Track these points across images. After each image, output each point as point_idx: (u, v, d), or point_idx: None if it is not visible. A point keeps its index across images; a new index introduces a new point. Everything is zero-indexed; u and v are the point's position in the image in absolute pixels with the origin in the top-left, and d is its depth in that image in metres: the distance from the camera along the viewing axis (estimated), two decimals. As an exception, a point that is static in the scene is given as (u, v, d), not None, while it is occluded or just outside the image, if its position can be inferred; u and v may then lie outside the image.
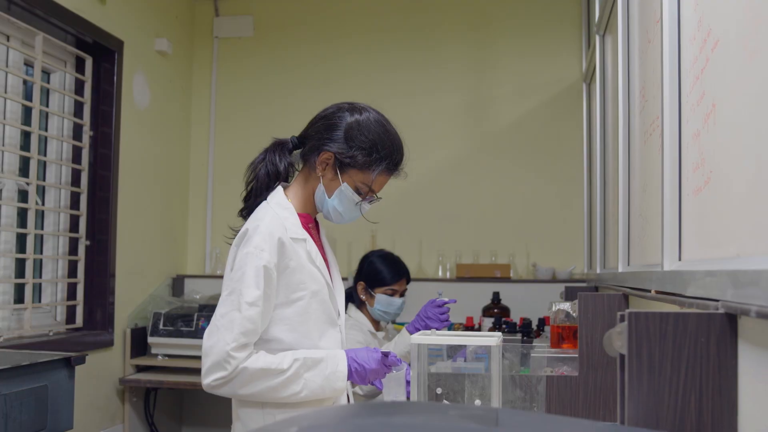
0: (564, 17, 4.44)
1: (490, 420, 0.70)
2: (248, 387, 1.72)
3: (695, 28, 1.28)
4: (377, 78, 4.55)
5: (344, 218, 1.89)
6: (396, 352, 2.64)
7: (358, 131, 1.83)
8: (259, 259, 1.72)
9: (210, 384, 1.73)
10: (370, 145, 1.83)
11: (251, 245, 1.74)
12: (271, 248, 1.74)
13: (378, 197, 1.91)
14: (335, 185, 1.85)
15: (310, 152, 1.88)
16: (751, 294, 0.85)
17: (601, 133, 3.15)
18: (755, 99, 0.93)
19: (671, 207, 1.41)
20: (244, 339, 1.71)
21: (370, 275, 2.98)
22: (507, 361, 2.43)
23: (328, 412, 0.85)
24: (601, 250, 3.16)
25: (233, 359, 1.69)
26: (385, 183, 1.91)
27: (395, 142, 1.88)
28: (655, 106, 1.66)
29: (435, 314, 2.69)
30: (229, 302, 1.73)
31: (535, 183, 4.37)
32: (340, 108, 1.88)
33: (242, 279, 1.72)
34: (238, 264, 1.74)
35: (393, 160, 1.87)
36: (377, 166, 1.84)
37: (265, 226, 1.76)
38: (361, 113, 1.86)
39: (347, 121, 1.84)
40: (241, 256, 1.75)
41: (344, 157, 1.83)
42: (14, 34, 3.19)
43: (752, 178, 0.95)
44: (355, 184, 1.85)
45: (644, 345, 1.01)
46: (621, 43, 2.31)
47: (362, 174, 1.85)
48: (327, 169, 1.85)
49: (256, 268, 1.72)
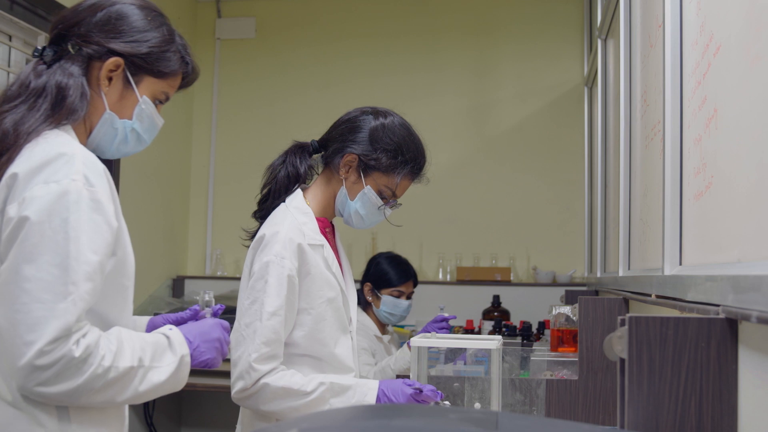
0: (566, 21, 4.45)
1: (489, 423, 0.70)
2: (270, 404, 1.70)
3: (697, 32, 1.28)
4: (379, 81, 4.55)
5: (365, 222, 1.88)
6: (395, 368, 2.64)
7: (383, 133, 1.83)
8: (281, 267, 1.70)
9: (234, 396, 1.71)
10: (395, 147, 1.83)
11: (272, 253, 1.71)
12: (292, 255, 1.72)
13: (399, 203, 1.91)
14: (358, 188, 1.84)
15: (333, 155, 1.86)
16: (752, 299, 0.85)
17: (602, 137, 3.15)
18: (757, 104, 0.94)
19: (672, 211, 1.41)
20: (266, 349, 1.68)
21: (377, 276, 2.98)
22: (507, 364, 2.43)
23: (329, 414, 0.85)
24: (601, 254, 3.16)
25: (254, 371, 1.67)
26: (408, 187, 1.90)
27: (419, 146, 1.88)
28: (657, 111, 1.66)
29: (434, 329, 2.71)
30: (252, 312, 1.70)
31: (535, 186, 4.37)
32: (363, 111, 1.88)
33: (265, 288, 1.70)
34: (260, 272, 1.72)
35: (417, 164, 1.87)
36: (402, 170, 1.84)
37: (285, 233, 1.73)
38: (385, 117, 1.86)
39: (372, 124, 1.84)
40: (261, 264, 1.72)
41: (369, 159, 1.82)
42: (16, 34, 3.19)
43: (754, 183, 0.95)
44: (378, 188, 1.84)
45: (644, 349, 1.01)
46: (623, 48, 2.31)
47: (386, 177, 1.84)
48: (350, 172, 1.84)
49: (278, 277, 1.70)
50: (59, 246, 1.19)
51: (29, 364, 1.15)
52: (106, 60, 1.37)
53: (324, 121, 1.99)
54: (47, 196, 1.20)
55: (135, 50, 1.39)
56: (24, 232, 1.19)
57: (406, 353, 2.62)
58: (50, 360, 1.16)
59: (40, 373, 1.16)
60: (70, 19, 1.40)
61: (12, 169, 1.25)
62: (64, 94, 1.33)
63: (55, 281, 1.18)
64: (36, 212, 1.19)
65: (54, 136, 1.30)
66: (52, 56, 1.37)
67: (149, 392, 1.29)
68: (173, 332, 1.36)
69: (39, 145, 1.28)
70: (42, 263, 1.18)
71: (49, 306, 1.16)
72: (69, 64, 1.36)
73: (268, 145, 1.97)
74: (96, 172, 1.27)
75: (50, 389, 1.18)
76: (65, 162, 1.24)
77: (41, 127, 1.30)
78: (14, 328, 1.16)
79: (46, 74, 1.35)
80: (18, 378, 1.18)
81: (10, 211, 1.22)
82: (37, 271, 1.18)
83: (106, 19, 1.39)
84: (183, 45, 1.49)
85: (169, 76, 1.46)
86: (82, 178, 1.23)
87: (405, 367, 2.63)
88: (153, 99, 1.45)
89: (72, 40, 1.38)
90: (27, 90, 1.34)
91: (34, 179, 1.22)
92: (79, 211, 1.21)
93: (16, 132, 1.28)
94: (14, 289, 1.18)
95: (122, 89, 1.41)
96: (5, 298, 1.18)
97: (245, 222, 1.98)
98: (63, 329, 1.17)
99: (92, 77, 1.38)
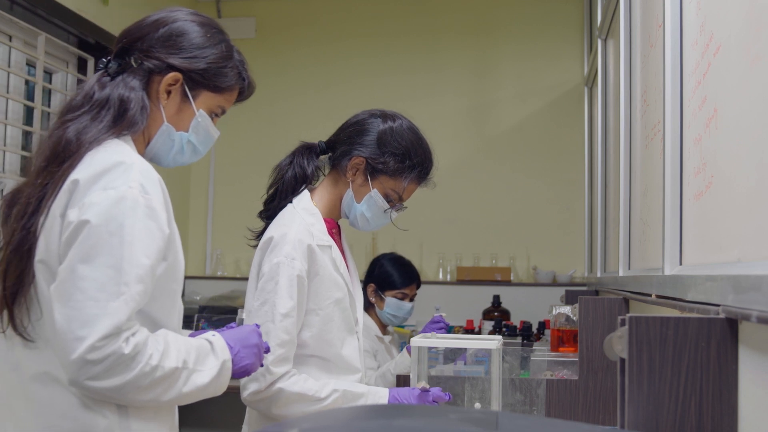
0: (566, 21, 4.45)
1: (490, 423, 0.70)
2: (283, 409, 1.70)
3: (697, 32, 1.28)
4: (379, 81, 4.55)
5: (371, 225, 1.88)
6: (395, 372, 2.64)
7: (391, 137, 1.83)
8: (291, 268, 1.70)
9: (246, 398, 1.71)
10: (403, 151, 1.83)
11: (282, 254, 1.71)
12: (301, 256, 1.72)
13: (404, 206, 1.91)
14: (365, 191, 1.84)
15: (340, 157, 1.86)
16: (752, 299, 0.85)
17: (602, 137, 3.16)
18: (757, 104, 0.94)
19: (672, 211, 1.42)
20: (281, 351, 1.68)
21: (381, 278, 2.97)
22: (507, 364, 2.44)
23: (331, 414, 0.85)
24: (601, 254, 3.16)
25: (270, 374, 1.67)
26: (414, 191, 1.90)
27: (427, 150, 1.89)
28: (657, 111, 1.66)
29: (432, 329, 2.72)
30: (263, 313, 1.70)
31: (536, 186, 4.37)
32: (372, 114, 1.88)
33: (275, 290, 1.69)
34: (270, 274, 1.71)
35: (424, 168, 1.87)
36: (409, 174, 1.84)
37: (294, 234, 1.73)
38: (394, 120, 1.86)
39: (380, 127, 1.84)
40: (271, 265, 1.72)
41: (376, 162, 1.82)
42: (16, 35, 3.19)
43: (754, 183, 0.95)
44: (384, 191, 1.85)
45: (645, 349, 1.01)
46: (623, 48, 2.31)
47: (393, 181, 1.84)
48: (357, 175, 1.84)
49: (289, 278, 1.70)
50: (114, 249, 1.24)
51: (81, 358, 1.20)
52: (165, 74, 1.44)
53: (324, 121, 1.99)
54: (105, 202, 1.26)
55: (193, 66, 1.45)
56: (82, 234, 1.25)
57: (405, 357, 2.62)
58: (101, 355, 1.20)
59: (91, 368, 1.21)
60: (134, 33, 1.47)
61: (73, 176, 1.30)
62: (126, 107, 1.39)
63: (109, 281, 1.23)
64: (94, 216, 1.25)
65: (114, 146, 1.36)
66: (115, 69, 1.44)
67: (192, 394, 1.34)
68: (216, 338, 1.41)
69: (99, 153, 1.33)
70: (97, 264, 1.23)
71: (102, 304, 1.21)
72: (131, 78, 1.42)
73: (268, 145, 1.98)
74: (151, 181, 1.32)
75: (99, 384, 1.22)
76: (123, 170, 1.29)
77: (102, 136, 1.36)
78: (68, 323, 1.21)
79: (109, 86, 1.41)
80: (70, 372, 1.22)
81: (70, 215, 1.27)
82: (92, 271, 1.23)
83: (168, 35, 1.45)
84: (240, 61, 1.55)
85: (226, 91, 1.52)
86: (138, 186, 1.29)
87: (406, 372, 2.63)
88: (209, 112, 1.52)
89: (134, 55, 1.44)
90: (91, 101, 1.40)
91: (93, 186, 1.28)
92: (135, 217, 1.27)
93: (78, 141, 1.34)
94: (70, 287, 1.23)
95: (180, 103, 1.47)
96: (61, 296, 1.23)
97: (245, 222, 1.98)
98: (114, 327, 1.21)
99: (152, 90, 1.44)
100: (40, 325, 1.30)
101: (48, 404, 1.29)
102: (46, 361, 1.30)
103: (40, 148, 1.38)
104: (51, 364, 1.29)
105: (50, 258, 1.29)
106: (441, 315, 2.80)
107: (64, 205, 1.29)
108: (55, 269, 1.27)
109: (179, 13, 1.49)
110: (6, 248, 1.31)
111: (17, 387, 1.32)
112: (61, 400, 1.29)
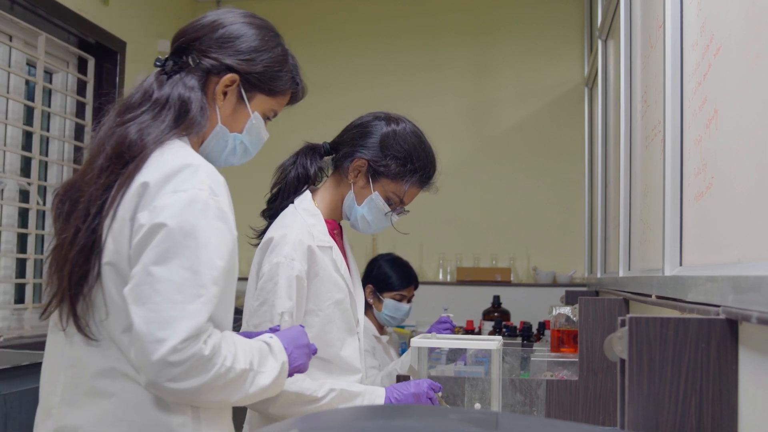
0: (566, 21, 4.45)
1: (490, 424, 0.70)
2: (281, 409, 1.70)
3: (698, 33, 1.28)
4: (379, 81, 4.55)
5: (371, 227, 1.89)
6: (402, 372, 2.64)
7: (394, 140, 1.83)
8: (290, 269, 1.70)
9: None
10: (405, 155, 1.83)
11: (282, 254, 1.72)
12: (301, 257, 1.72)
13: (406, 210, 1.91)
14: (366, 193, 1.85)
15: (343, 158, 1.87)
16: (752, 300, 0.85)
17: (602, 138, 3.16)
18: (757, 105, 0.94)
19: (672, 212, 1.42)
20: None
21: (379, 279, 2.97)
22: (507, 364, 2.44)
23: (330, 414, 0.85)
24: (601, 255, 3.16)
25: None
26: (415, 195, 1.90)
27: (429, 154, 1.89)
28: (657, 111, 1.66)
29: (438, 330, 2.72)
30: (261, 313, 1.70)
31: (536, 187, 4.37)
32: (376, 117, 1.88)
33: (275, 290, 1.70)
34: (269, 274, 1.72)
35: (426, 172, 1.87)
36: (410, 177, 1.84)
37: (295, 235, 1.74)
38: (397, 123, 1.86)
39: (383, 130, 1.85)
40: (271, 265, 1.72)
41: (378, 165, 1.82)
42: (17, 35, 3.19)
43: (754, 184, 0.95)
44: (386, 194, 1.85)
45: (645, 350, 1.01)
46: (623, 48, 2.31)
47: (394, 184, 1.84)
48: (359, 177, 1.84)
49: (288, 279, 1.70)
50: (190, 251, 1.24)
51: (162, 359, 1.20)
52: (222, 75, 1.44)
53: (324, 121, 2.00)
54: (177, 204, 1.26)
55: (250, 68, 1.46)
56: (157, 237, 1.24)
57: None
58: (183, 357, 1.21)
59: (171, 369, 1.21)
60: (192, 33, 1.47)
61: (141, 178, 1.29)
62: (188, 108, 1.39)
63: (186, 283, 1.23)
64: (168, 218, 1.25)
65: (178, 147, 1.36)
66: (171, 67, 1.43)
67: (256, 395, 1.35)
68: (273, 340, 1.42)
69: (164, 155, 1.33)
70: (173, 266, 1.23)
71: (180, 306, 1.22)
72: (189, 77, 1.42)
73: (268, 144, 1.97)
74: (218, 183, 1.33)
75: (179, 385, 1.22)
76: (191, 173, 1.30)
77: (165, 137, 1.35)
78: (147, 325, 1.21)
79: (168, 85, 1.41)
80: (149, 373, 1.22)
81: (141, 218, 1.27)
82: (169, 273, 1.23)
83: (226, 36, 1.46)
84: (295, 66, 1.58)
85: (280, 94, 1.54)
86: (207, 189, 1.30)
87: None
88: (262, 115, 1.52)
89: (192, 54, 1.44)
90: (150, 99, 1.39)
91: (163, 189, 1.28)
92: (207, 219, 1.27)
93: (142, 141, 1.33)
94: (147, 289, 1.23)
95: (235, 104, 1.48)
96: (138, 299, 1.23)
97: (245, 221, 1.97)
98: (195, 329, 1.22)
99: (208, 91, 1.44)
100: (105, 325, 1.30)
101: (120, 398, 1.29)
102: (112, 358, 1.29)
103: (100, 146, 1.35)
104: (117, 360, 1.29)
105: (120, 260, 1.28)
106: (448, 316, 2.80)
107: (133, 208, 1.28)
108: (124, 272, 1.27)
109: (236, 15, 1.50)
110: (70, 249, 1.30)
111: (80, 382, 1.31)
112: (133, 395, 1.29)
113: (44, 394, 1.37)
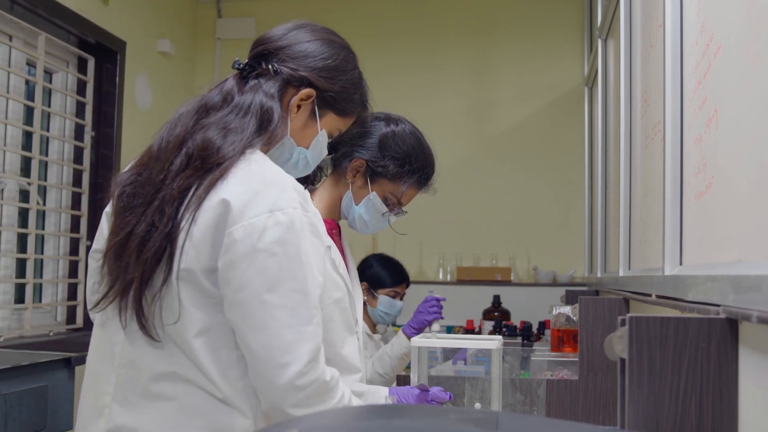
0: (566, 21, 4.45)
1: (490, 423, 0.70)
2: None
3: (698, 33, 1.28)
4: (379, 81, 4.52)
5: (369, 227, 1.89)
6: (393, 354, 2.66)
7: (392, 141, 1.83)
8: None
9: None
10: (404, 156, 1.83)
11: None
12: None
13: (404, 211, 1.91)
14: (364, 193, 1.85)
15: (341, 158, 1.87)
16: (753, 299, 0.85)
17: (602, 137, 3.15)
18: (757, 104, 0.94)
19: (672, 211, 1.41)
20: None
21: (373, 278, 3.01)
22: (507, 364, 2.44)
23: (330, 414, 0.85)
24: (602, 254, 3.16)
25: None
26: (414, 196, 1.90)
27: (428, 156, 1.89)
28: (657, 111, 1.66)
29: (425, 308, 2.73)
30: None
31: (536, 186, 4.37)
32: (376, 117, 1.88)
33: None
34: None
35: (425, 173, 1.87)
36: (408, 178, 1.84)
37: None
38: (396, 124, 1.87)
39: (382, 130, 1.85)
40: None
41: (376, 165, 1.83)
42: (17, 34, 3.19)
43: (754, 183, 0.95)
44: (383, 194, 1.85)
45: (645, 349, 1.01)
46: (623, 48, 2.31)
47: (392, 185, 1.85)
48: (357, 177, 1.84)
49: None
50: (297, 273, 1.24)
51: (290, 383, 1.21)
52: (300, 89, 1.42)
53: (324, 121, 1.99)
54: (278, 228, 1.24)
55: (329, 86, 1.45)
56: (263, 263, 1.23)
57: (402, 339, 2.65)
58: (308, 381, 1.23)
59: (296, 393, 1.23)
60: (275, 41, 1.45)
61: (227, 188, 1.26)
62: (270, 118, 1.37)
63: (298, 306, 1.24)
64: (272, 245, 1.23)
65: (261, 159, 1.33)
66: (249, 72, 1.42)
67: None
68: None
69: (250, 166, 1.30)
70: (284, 290, 1.23)
71: (297, 329, 1.23)
72: (268, 84, 1.40)
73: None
74: (304, 197, 1.32)
75: (301, 411, 1.24)
76: (281, 189, 1.27)
77: (248, 147, 1.32)
78: (268, 351, 1.22)
79: (249, 91, 1.38)
80: (274, 397, 1.23)
81: (235, 233, 1.23)
82: (281, 298, 1.23)
83: (310, 51, 1.45)
84: (366, 90, 1.58)
85: (349, 115, 1.54)
86: (300, 206, 1.28)
87: (403, 352, 2.65)
88: (328, 133, 1.52)
89: (273, 62, 1.42)
90: (231, 103, 1.37)
91: (256, 205, 1.24)
92: (305, 238, 1.27)
93: (227, 149, 1.30)
94: (262, 316, 1.23)
95: (307, 119, 1.46)
96: (256, 326, 1.23)
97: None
98: (314, 350, 1.24)
99: (283, 101, 1.42)
100: (173, 328, 1.26)
101: (182, 402, 1.27)
102: (174, 362, 1.27)
103: (177, 144, 1.32)
104: (180, 365, 1.27)
105: (198, 268, 1.25)
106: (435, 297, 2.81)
107: (217, 217, 1.25)
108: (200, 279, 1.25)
109: (320, 31, 1.49)
110: (142, 246, 1.26)
111: (136, 383, 1.29)
112: (197, 398, 1.27)
113: (93, 393, 1.34)
